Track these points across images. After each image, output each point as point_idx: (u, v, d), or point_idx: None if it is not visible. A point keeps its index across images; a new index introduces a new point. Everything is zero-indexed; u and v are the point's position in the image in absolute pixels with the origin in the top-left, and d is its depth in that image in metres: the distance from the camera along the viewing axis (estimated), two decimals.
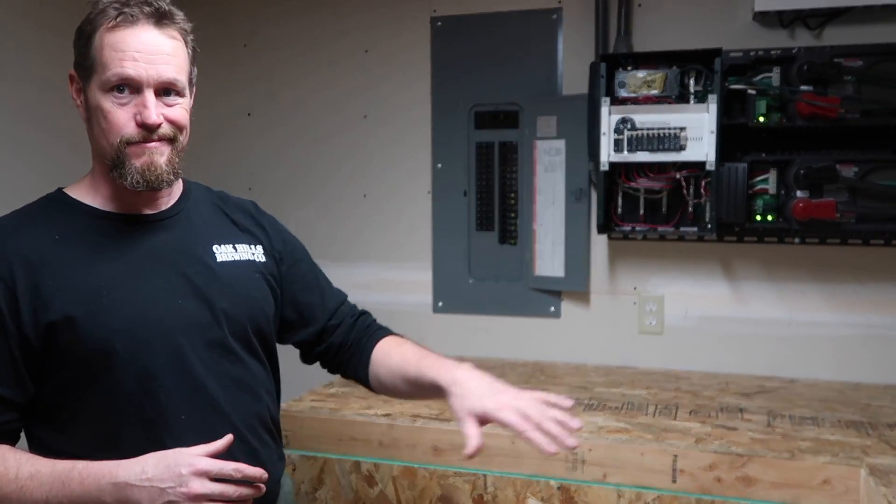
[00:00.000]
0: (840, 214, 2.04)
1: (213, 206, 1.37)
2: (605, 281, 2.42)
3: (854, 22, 2.15)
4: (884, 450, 1.66)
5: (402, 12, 2.55)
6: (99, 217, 1.23)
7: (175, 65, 1.19)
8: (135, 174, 1.18)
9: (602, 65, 2.14)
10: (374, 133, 2.61)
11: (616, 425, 1.83)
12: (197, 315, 1.23)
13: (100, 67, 1.16)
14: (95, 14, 1.18)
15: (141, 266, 1.22)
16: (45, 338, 1.15)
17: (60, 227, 1.20)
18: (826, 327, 2.25)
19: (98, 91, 1.17)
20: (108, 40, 1.16)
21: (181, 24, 1.23)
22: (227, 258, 1.30)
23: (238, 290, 1.29)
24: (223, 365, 1.25)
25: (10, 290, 1.14)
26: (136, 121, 1.17)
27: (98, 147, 1.22)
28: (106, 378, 1.17)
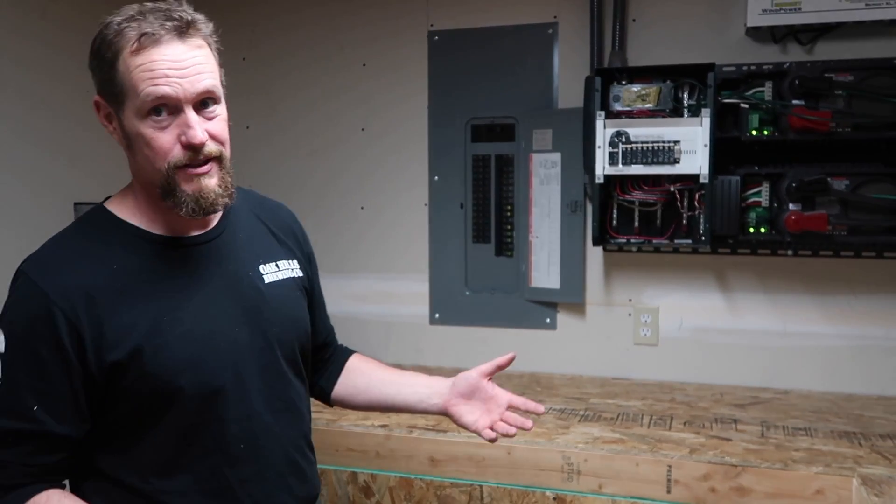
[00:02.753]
0: (832, 227, 2.07)
1: (254, 216, 1.34)
2: (600, 292, 2.43)
3: (845, 37, 2.18)
4: (876, 460, 1.68)
5: (400, 27, 2.57)
6: (149, 241, 1.18)
7: (208, 73, 1.14)
8: (189, 202, 1.13)
9: (597, 79, 2.17)
10: (371, 146, 2.64)
11: (611, 436, 1.85)
12: (251, 342, 1.22)
13: (131, 93, 1.10)
14: (113, 37, 1.11)
15: (197, 296, 1.18)
16: (109, 375, 1.12)
17: (114, 255, 1.15)
18: (819, 339, 2.27)
19: (134, 118, 1.11)
20: (135, 63, 1.09)
21: (203, 30, 1.16)
22: (273, 279, 1.28)
23: (286, 313, 1.29)
24: (275, 389, 1.25)
25: (74, 327, 1.10)
26: (181, 142, 1.11)
27: (143, 173, 1.16)
28: (169, 411, 1.15)
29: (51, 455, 1.13)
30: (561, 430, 1.88)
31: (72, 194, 2.39)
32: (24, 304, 1.12)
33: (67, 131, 2.37)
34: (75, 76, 2.38)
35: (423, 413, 1.43)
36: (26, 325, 1.11)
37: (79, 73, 2.39)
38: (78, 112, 2.41)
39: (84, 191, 2.43)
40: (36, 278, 1.11)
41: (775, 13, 2.14)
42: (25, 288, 1.12)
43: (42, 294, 1.10)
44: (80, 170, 2.42)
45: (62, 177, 2.36)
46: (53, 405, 1.11)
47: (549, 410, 2.06)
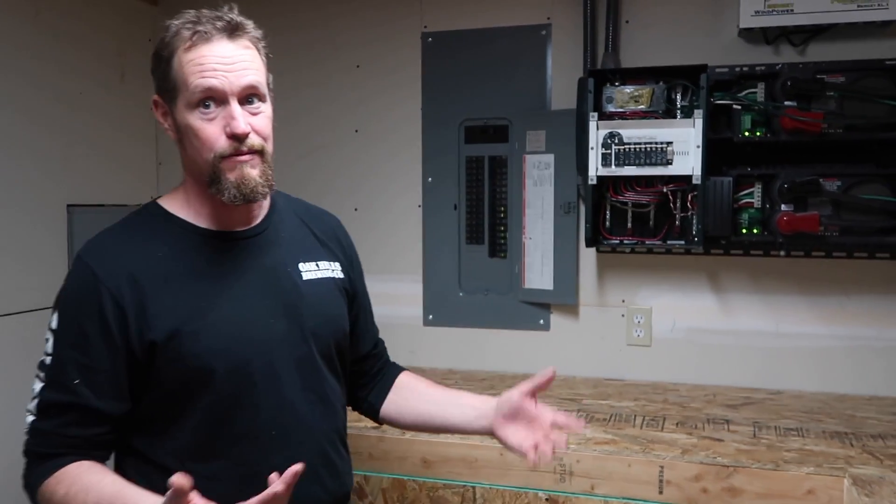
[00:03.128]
0: (824, 228, 2.07)
1: (298, 218, 1.40)
2: (593, 293, 2.44)
3: (837, 38, 2.19)
4: (867, 460, 1.68)
5: (394, 28, 2.58)
6: (196, 234, 1.26)
7: (253, 70, 1.22)
8: (231, 189, 1.20)
9: (590, 80, 2.17)
10: (365, 148, 2.64)
11: (604, 437, 1.85)
12: (287, 334, 1.27)
13: (183, 86, 1.18)
14: (170, 38, 1.21)
15: (237, 285, 1.25)
16: (149, 355, 1.19)
17: (161, 244, 1.24)
18: (812, 339, 2.27)
19: (185, 110, 1.19)
20: (187, 58, 1.18)
21: (252, 34, 1.25)
22: (311, 276, 1.33)
23: (323, 309, 1.33)
24: (309, 382, 1.29)
25: (119, 306, 1.17)
26: (225, 133, 1.19)
27: (193, 165, 1.24)
28: (203, 395, 1.21)
29: (88, 428, 1.19)
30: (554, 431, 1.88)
31: (65, 197, 2.39)
32: (75, 284, 1.21)
33: (61, 134, 2.37)
34: (67, 80, 2.40)
35: (473, 434, 1.44)
36: (75, 303, 1.19)
37: (70, 79, 2.41)
38: (71, 115, 2.41)
39: (77, 193, 2.43)
40: (88, 260, 1.21)
41: (768, 14, 2.15)
42: (78, 269, 1.22)
43: (92, 275, 1.19)
44: (74, 172, 2.42)
45: (56, 179, 2.36)
46: (94, 380, 1.18)
47: None
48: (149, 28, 2.74)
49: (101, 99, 2.52)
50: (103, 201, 2.54)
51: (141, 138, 2.73)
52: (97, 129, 2.51)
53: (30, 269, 2.26)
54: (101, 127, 2.53)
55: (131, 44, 2.65)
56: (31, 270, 2.26)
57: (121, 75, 2.61)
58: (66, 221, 2.38)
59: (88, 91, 2.47)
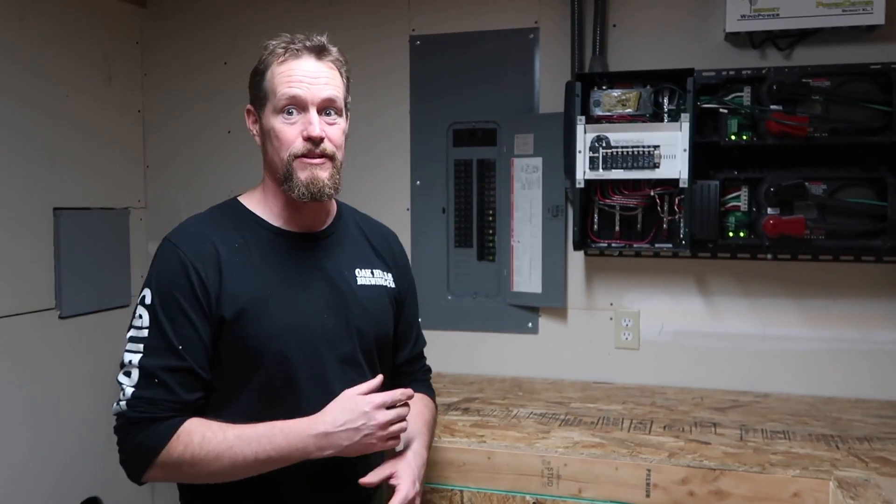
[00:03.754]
0: (809, 231, 2.08)
1: (359, 228, 1.57)
2: (581, 297, 2.44)
3: (822, 43, 2.20)
4: (852, 463, 1.69)
5: (381, 31, 2.58)
6: (269, 230, 1.43)
7: (333, 86, 1.39)
8: (300, 186, 1.37)
9: (577, 84, 2.18)
10: (353, 150, 2.60)
11: (591, 440, 1.85)
12: (335, 330, 1.42)
13: (272, 95, 1.37)
14: (267, 55, 1.40)
15: (299, 281, 1.41)
16: (219, 329, 1.35)
17: (238, 236, 1.40)
18: (798, 342, 2.28)
19: (271, 115, 1.38)
20: (279, 70, 1.37)
21: (336, 56, 1.43)
22: (365, 282, 1.50)
23: (371, 313, 1.49)
24: (349, 375, 1.42)
25: (203, 283, 1.33)
26: (302, 136, 1.36)
27: (271, 164, 1.41)
28: (259, 373, 1.36)
29: (191, 392, 1.33)
30: (541, 435, 1.89)
31: (51, 199, 2.38)
32: (167, 262, 1.36)
33: (47, 137, 2.36)
34: (54, 83, 2.38)
35: None
36: (169, 279, 1.34)
37: (57, 81, 2.39)
38: (58, 118, 2.40)
39: (64, 196, 2.42)
40: (176, 242, 1.37)
41: (754, 19, 2.16)
42: (168, 250, 1.37)
43: (181, 254, 1.35)
44: (60, 175, 2.41)
45: (42, 182, 2.35)
46: (192, 347, 1.33)
47: (531, 415, 2.06)
48: (136, 31, 2.73)
49: (87, 102, 2.51)
50: (90, 205, 2.53)
51: (128, 142, 2.72)
52: (84, 133, 2.50)
53: (16, 273, 2.24)
54: (88, 130, 2.52)
55: (118, 47, 2.64)
56: (17, 274, 2.25)
57: (108, 79, 2.59)
58: (52, 224, 2.37)
59: (75, 94, 2.46)
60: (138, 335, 1.33)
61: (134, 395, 1.30)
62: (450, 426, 1.96)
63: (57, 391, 2.38)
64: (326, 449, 1.31)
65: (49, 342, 2.35)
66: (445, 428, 1.94)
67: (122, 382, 1.32)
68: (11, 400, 2.24)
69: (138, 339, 1.33)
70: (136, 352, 1.32)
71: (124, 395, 1.31)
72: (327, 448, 1.32)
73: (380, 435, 1.33)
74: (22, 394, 2.27)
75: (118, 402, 1.32)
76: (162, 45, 2.76)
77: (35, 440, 2.30)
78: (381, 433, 1.33)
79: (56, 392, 2.37)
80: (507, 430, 1.93)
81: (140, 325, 1.33)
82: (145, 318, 1.33)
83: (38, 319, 2.32)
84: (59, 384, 2.39)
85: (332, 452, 1.32)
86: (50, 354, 2.35)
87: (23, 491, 2.25)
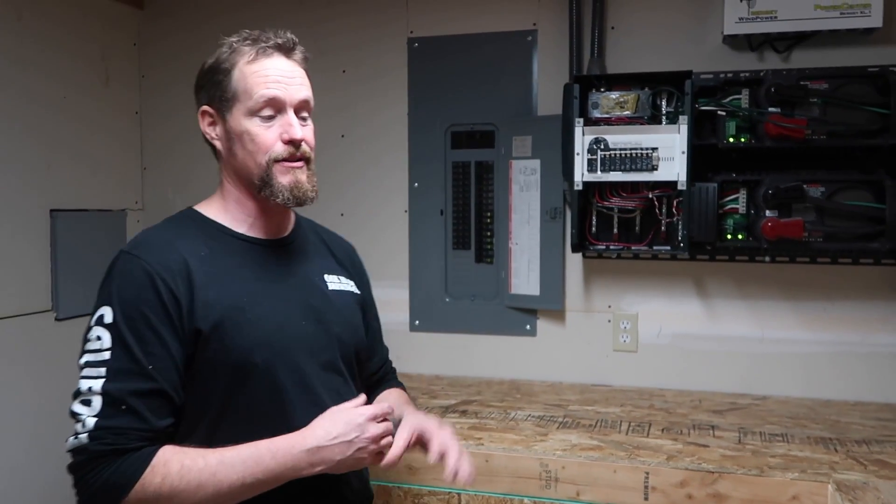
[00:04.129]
0: (808, 234, 2.08)
1: (318, 236, 1.51)
2: (579, 299, 2.44)
3: (820, 45, 2.20)
4: (851, 466, 1.69)
5: (380, 33, 2.57)
6: (234, 237, 1.35)
7: (307, 86, 1.35)
8: (284, 192, 1.30)
9: (575, 86, 2.18)
10: (351, 153, 2.63)
11: (589, 443, 1.85)
12: (316, 337, 1.35)
13: (244, 95, 1.30)
14: (229, 53, 1.33)
15: (272, 287, 1.33)
16: (195, 345, 1.24)
17: (203, 245, 1.31)
18: (797, 345, 2.28)
19: (243, 117, 1.30)
20: (251, 70, 1.30)
21: (303, 54, 1.38)
22: (336, 287, 1.44)
23: (347, 318, 1.43)
24: (333, 383, 1.36)
25: (173, 294, 1.22)
26: (282, 139, 1.30)
27: (242, 170, 1.33)
28: (243, 389, 1.27)
29: (164, 419, 1.21)
30: (539, 438, 1.88)
31: (48, 201, 2.37)
32: (129, 276, 1.24)
33: (44, 138, 2.35)
34: (51, 84, 2.38)
35: None
36: (134, 294, 1.22)
37: (54, 83, 2.39)
38: (55, 119, 2.39)
39: (61, 198, 2.41)
40: (138, 254, 1.25)
41: (752, 21, 2.16)
42: (128, 263, 1.25)
43: (145, 266, 1.23)
44: (57, 177, 2.40)
45: (39, 184, 2.34)
46: (164, 367, 1.21)
47: (529, 418, 2.06)
48: (133, 32, 2.73)
49: (85, 103, 2.51)
50: (87, 206, 2.52)
51: (125, 143, 2.71)
52: (81, 134, 2.49)
53: (12, 275, 2.24)
54: (85, 131, 2.51)
55: (116, 48, 2.64)
56: (14, 276, 2.24)
57: (105, 79, 2.59)
58: (49, 226, 2.36)
59: (72, 95, 2.46)
60: (97, 359, 1.19)
61: (97, 425, 1.16)
62: None
63: (53, 393, 2.36)
64: (318, 465, 1.23)
65: (45, 344, 2.34)
66: None
67: (78, 413, 1.18)
68: (7, 402, 2.23)
69: (98, 363, 1.19)
70: (96, 377, 1.19)
71: (84, 427, 1.17)
72: (319, 464, 1.23)
73: (371, 449, 1.27)
74: (18, 396, 2.26)
75: (75, 435, 1.18)
76: (159, 46, 2.75)
77: (31, 442, 2.29)
78: (372, 447, 1.27)
79: (52, 394, 2.35)
80: (505, 432, 1.93)
81: (99, 348, 1.20)
82: (105, 338, 1.20)
83: (34, 321, 2.32)
84: (55, 386, 2.38)
85: (324, 468, 1.24)
86: (46, 356, 2.34)
87: (19, 493, 2.24)
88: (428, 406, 2.17)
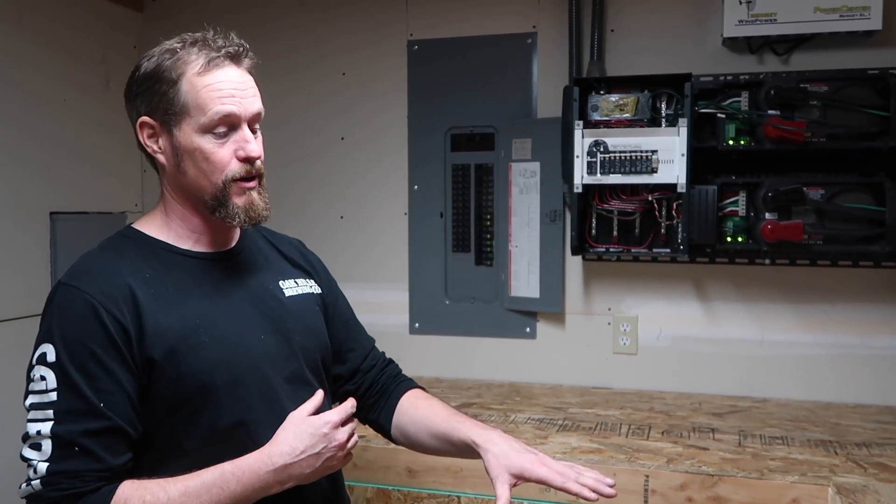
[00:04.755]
0: (807, 236, 2.08)
1: (265, 241, 1.41)
2: (579, 302, 2.44)
3: (820, 48, 2.20)
4: (851, 468, 1.69)
5: (380, 36, 2.57)
6: (179, 254, 1.25)
7: (258, 97, 1.25)
8: (240, 213, 1.22)
9: (575, 89, 2.18)
10: (351, 155, 2.63)
11: (589, 446, 1.85)
12: (278, 349, 1.27)
13: (195, 110, 1.18)
14: (173, 61, 1.19)
15: (225, 303, 1.24)
16: (149, 374, 1.15)
17: (146, 266, 1.20)
18: (797, 347, 2.28)
19: (194, 133, 1.19)
20: (203, 83, 1.18)
21: (252, 60, 1.26)
22: (293, 292, 1.34)
23: (308, 324, 1.34)
24: (301, 396, 1.26)
25: (120, 324, 1.13)
26: (237, 156, 1.20)
27: (192, 188, 1.22)
28: (205, 413, 1.18)
29: (120, 456, 1.13)
30: (539, 440, 1.88)
31: (48, 204, 2.37)
32: (70, 310, 1.14)
33: (44, 141, 2.35)
34: (51, 86, 2.38)
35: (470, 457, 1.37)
36: (77, 327, 1.13)
37: (54, 85, 2.39)
38: (55, 121, 2.40)
39: (61, 201, 2.41)
40: (77, 285, 1.15)
41: (751, 24, 2.16)
42: (68, 296, 1.15)
43: (87, 297, 1.13)
44: (57, 179, 2.40)
45: (39, 186, 2.34)
46: (116, 402, 1.12)
47: (528, 420, 2.06)
48: (134, 34, 2.73)
49: (85, 106, 2.51)
50: (87, 209, 2.52)
51: (125, 146, 2.66)
52: (81, 136, 2.49)
53: (12, 278, 2.24)
54: (85, 134, 2.51)
55: (116, 50, 2.64)
56: (14, 279, 2.24)
57: (105, 82, 2.59)
58: (48, 229, 2.36)
59: (72, 98, 2.46)
60: (43, 400, 1.12)
61: (49, 469, 1.09)
62: None
63: None
64: (287, 482, 1.17)
65: None
66: None
67: (29, 458, 1.11)
68: (7, 405, 2.23)
69: (44, 405, 1.12)
70: (43, 420, 1.11)
71: (36, 473, 1.10)
72: (288, 481, 1.17)
73: (340, 456, 1.21)
74: (17, 399, 2.25)
75: (28, 482, 1.11)
76: None
77: None
78: (341, 454, 1.21)
79: None
80: None
81: (44, 389, 1.12)
82: (50, 378, 1.11)
83: (34, 324, 2.28)
84: None
85: (293, 483, 1.18)
86: None
87: None
88: None
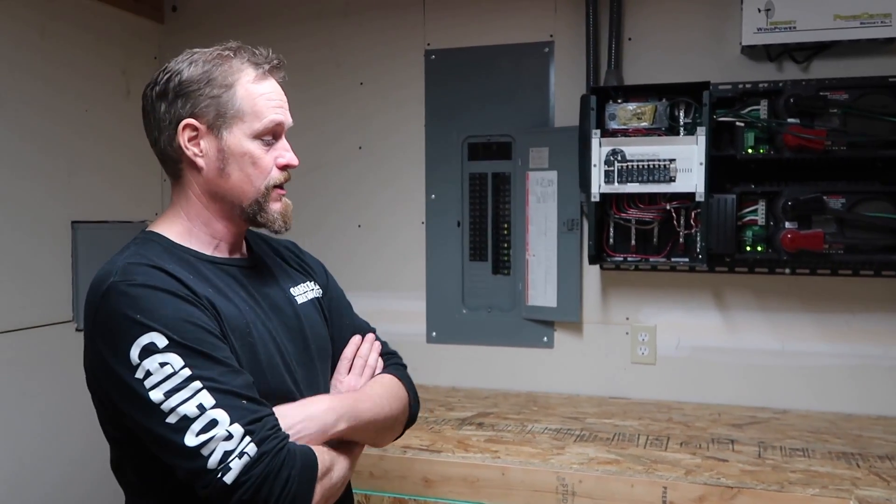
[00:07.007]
0: (828, 245, 2.06)
1: (269, 247, 1.43)
2: (597, 311, 2.42)
3: (840, 56, 2.18)
4: (873, 482, 1.66)
5: (397, 46, 2.59)
6: (207, 261, 1.24)
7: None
8: (279, 219, 1.26)
9: (592, 97, 2.17)
10: (368, 164, 2.64)
11: (606, 456, 1.83)
12: (299, 356, 1.30)
13: (251, 116, 1.22)
14: (226, 67, 1.23)
15: (256, 309, 1.25)
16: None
17: (182, 269, 1.18)
18: (818, 357, 2.25)
19: (245, 138, 1.22)
20: (258, 91, 1.23)
21: (283, 74, 1.31)
22: (302, 300, 1.37)
23: (319, 331, 1.37)
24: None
25: (202, 299, 1.15)
26: (277, 164, 1.25)
27: (233, 192, 1.23)
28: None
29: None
30: (556, 451, 1.87)
31: (70, 213, 2.40)
32: (145, 298, 1.10)
33: (66, 151, 2.38)
34: (72, 97, 2.41)
35: None
36: (171, 309, 1.10)
37: (76, 95, 2.42)
38: (76, 132, 2.43)
39: (82, 210, 2.44)
40: (132, 279, 1.11)
41: (770, 32, 2.15)
42: (133, 289, 1.10)
43: (166, 276, 1.13)
44: (79, 189, 2.43)
45: (60, 196, 2.37)
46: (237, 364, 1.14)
47: (545, 430, 2.05)
48: (154, 46, 2.76)
49: (106, 116, 2.54)
50: (107, 218, 2.55)
51: (146, 155, 2.70)
52: (102, 146, 2.52)
53: (34, 286, 2.26)
54: (106, 144, 2.54)
55: (137, 61, 2.67)
56: (36, 287, 2.27)
57: (126, 93, 2.62)
58: (70, 238, 2.39)
59: (94, 108, 2.49)
60: (179, 382, 1.06)
61: (248, 428, 1.06)
62: (464, 441, 1.95)
63: (74, 403, 2.38)
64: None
65: (67, 354, 2.36)
66: (459, 443, 1.93)
67: (210, 436, 1.04)
68: (30, 412, 2.25)
69: (184, 383, 1.06)
70: (191, 396, 1.06)
71: (239, 444, 1.05)
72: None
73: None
74: (40, 406, 2.28)
75: (224, 461, 1.04)
76: None
77: (53, 453, 2.31)
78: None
79: (74, 404, 2.38)
80: (522, 445, 1.92)
81: (171, 372, 1.06)
82: (173, 360, 1.06)
83: (56, 332, 2.34)
84: (76, 396, 2.40)
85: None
86: (68, 367, 2.36)
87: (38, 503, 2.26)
88: (445, 418, 2.16)
